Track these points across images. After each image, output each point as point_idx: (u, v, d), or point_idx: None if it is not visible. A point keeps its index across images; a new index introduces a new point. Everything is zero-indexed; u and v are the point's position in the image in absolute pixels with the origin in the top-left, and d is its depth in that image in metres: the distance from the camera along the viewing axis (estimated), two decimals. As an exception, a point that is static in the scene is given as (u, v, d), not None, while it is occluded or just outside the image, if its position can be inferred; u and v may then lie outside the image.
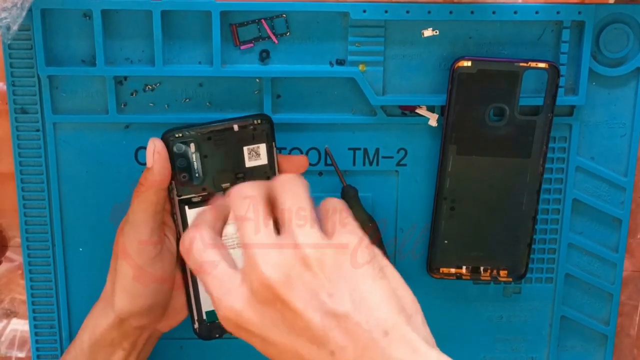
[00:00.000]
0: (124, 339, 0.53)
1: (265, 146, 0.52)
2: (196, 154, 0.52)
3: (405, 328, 0.40)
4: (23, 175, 0.57)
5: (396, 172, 0.58)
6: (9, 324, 0.62)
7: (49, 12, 0.54)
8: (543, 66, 0.54)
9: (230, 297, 0.42)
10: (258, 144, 0.52)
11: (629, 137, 0.58)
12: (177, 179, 0.52)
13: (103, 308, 0.53)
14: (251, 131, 0.52)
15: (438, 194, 0.57)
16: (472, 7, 0.54)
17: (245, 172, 0.53)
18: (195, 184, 0.52)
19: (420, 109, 0.57)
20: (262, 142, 0.52)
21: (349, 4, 0.54)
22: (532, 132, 0.55)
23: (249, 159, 0.52)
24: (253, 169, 0.53)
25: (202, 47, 0.55)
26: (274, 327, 0.41)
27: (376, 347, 0.39)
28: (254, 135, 0.52)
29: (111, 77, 0.55)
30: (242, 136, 0.52)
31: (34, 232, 0.58)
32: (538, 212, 0.57)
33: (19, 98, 0.55)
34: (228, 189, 0.50)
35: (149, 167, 0.51)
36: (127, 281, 0.51)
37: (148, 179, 0.51)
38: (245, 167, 0.52)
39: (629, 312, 0.63)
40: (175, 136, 0.51)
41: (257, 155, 0.52)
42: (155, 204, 0.51)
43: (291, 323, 0.41)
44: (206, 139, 0.52)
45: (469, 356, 0.62)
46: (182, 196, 0.53)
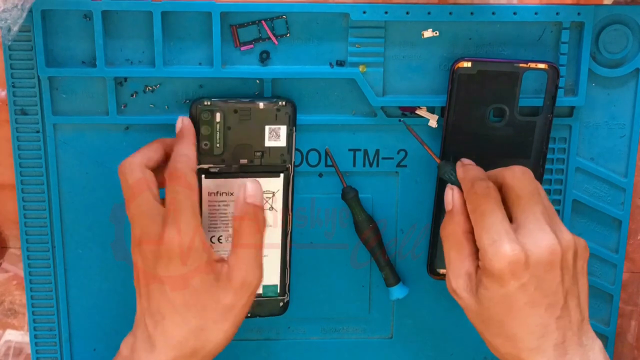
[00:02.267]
0: None
1: (285, 128, 0.54)
2: (220, 123, 0.54)
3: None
4: (23, 177, 0.57)
5: (396, 173, 0.58)
6: (4, 334, 0.62)
7: (50, 13, 0.54)
8: (543, 67, 0.54)
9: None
10: (279, 125, 0.54)
11: (629, 138, 0.58)
12: (199, 147, 0.54)
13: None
14: (275, 112, 0.54)
15: (438, 195, 0.57)
16: (472, 8, 0.55)
17: (264, 150, 0.55)
18: (215, 154, 0.54)
19: (420, 109, 0.57)
20: (284, 124, 0.54)
21: (349, 5, 0.54)
22: (532, 132, 0.56)
23: (269, 138, 0.54)
24: (271, 149, 0.55)
25: (202, 48, 0.55)
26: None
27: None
28: (277, 116, 0.54)
29: (111, 78, 0.55)
30: (266, 115, 0.54)
31: (34, 234, 0.58)
32: (538, 213, 0.57)
33: (19, 99, 0.55)
34: (245, 164, 0.54)
35: (178, 129, 0.52)
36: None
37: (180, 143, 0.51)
38: (264, 146, 0.54)
39: (629, 313, 0.63)
40: (204, 104, 0.54)
41: (277, 136, 0.54)
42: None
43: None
44: (232, 112, 0.54)
45: (469, 356, 0.62)
46: (201, 164, 0.54)
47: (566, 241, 0.47)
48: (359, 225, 0.58)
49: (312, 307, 0.60)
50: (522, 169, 0.49)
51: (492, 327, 0.48)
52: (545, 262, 0.46)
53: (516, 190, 0.48)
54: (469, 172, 0.51)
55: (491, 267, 0.46)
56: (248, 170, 0.55)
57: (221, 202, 0.55)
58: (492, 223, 0.47)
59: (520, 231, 0.47)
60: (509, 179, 0.49)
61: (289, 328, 0.61)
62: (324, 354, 0.62)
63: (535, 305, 0.47)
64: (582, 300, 0.49)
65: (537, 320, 0.47)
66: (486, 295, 0.47)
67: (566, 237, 0.48)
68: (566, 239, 0.48)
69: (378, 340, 0.62)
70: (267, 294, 0.58)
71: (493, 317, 0.48)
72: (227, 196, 0.55)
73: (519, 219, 0.48)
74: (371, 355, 0.62)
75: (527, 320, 0.47)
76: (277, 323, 0.61)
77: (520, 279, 0.46)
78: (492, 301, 0.47)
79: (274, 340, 0.61)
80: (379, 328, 0.62)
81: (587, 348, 0.48)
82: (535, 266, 0.46)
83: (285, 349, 0.62)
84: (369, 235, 0.58)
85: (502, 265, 0.46)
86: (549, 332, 0.47)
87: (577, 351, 0.47)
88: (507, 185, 0.49)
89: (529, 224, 0.47)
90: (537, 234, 0.47)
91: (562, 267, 0.47)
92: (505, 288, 0.46)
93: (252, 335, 0.61)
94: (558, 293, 0.47)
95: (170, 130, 0.55)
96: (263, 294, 0.58)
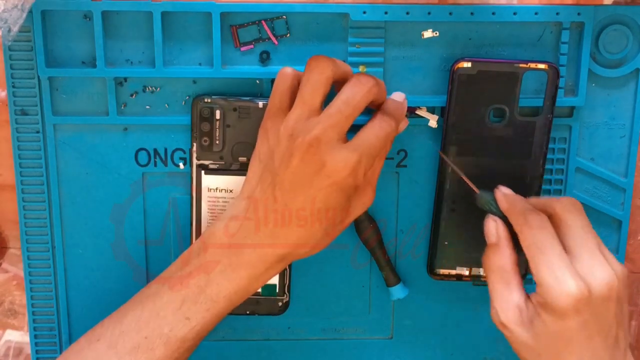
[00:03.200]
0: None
1: None
2: (220, 121, 0.54)
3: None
4: (23, 177, 0.57)
5: (396, 173, 0.58)
6: (4, 334, 0.62)
7: (50, 13, 0.54)
8: (543, 67, 0.54)
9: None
10: None
11: (629, 138, 0.58)
12: (199, 142, 0.55)
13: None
14: None
15: (438, 195, 0.57)
16: (472, 9, 0.55)
17: None
18: (214, 151, 0.55)
19: (420, 110, 0.57)
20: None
21: (349, 5, 0.54)
22: (532, 133, 0.56)
23: None
24: None
25: (202, 48, 0.55)
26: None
27: None
28: None
29: (111, 79, 0.55)
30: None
31: (34, 234, 0.58)
32: (538, 213, 0.57)
33: (19, 99, 0.55)
34: (245, 162, 0.54)
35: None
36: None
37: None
38: None
39: (629, 314, 0.63)
40: (204, 100, 0.54)
41: None
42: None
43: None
44: (232, 110, 0.54)
45: (470, 357, 0.62)
46: (201, 160, 0.55)
47: (621, 274, 0.47)
48: (359, 225, 0.58)
49: (312, 307, 0.60)
50: (571, 200, 0.49)
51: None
52: (605, 297, 0.46)
53: (569, 222, 0.48)
54: (515, 205, 0.50)
55: (555, 303, 0.46)
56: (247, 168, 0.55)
57: (220, 199, 0.56)
58: (552, 258, 0.47)
59: (577, 265, 0.47)
60: (559, 210, 0.48)
61: (289, 328, 0.61)
62: (324, 354, 0.62)
63: (593, 338, 0.47)
64: (626, 326, 0.49)
65: (592, 353, 0.47)
66: (544, 330, 0.47)
67: (619, 269, 0.48)
68: (621, 272, 0.48)
69: (378, 341, 0.62)
70: (265, 294, 0.58)
71: (549, 351, 0.47)
72: (226, 193, 0.56)
73: (574, 251, 0.47)
74: (371, 355, 0.62)
75: (584, 353, 0.47)
76: (277, 323, 0.61)
77: (583, 314, 0.46)
78: (549, 336, 0.47)
79: (274, 340, 0.62)
80: (379, 328, 0.62)
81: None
82: (595, 301, 0.46)
83: (285, 349, 0.62)
84: (369, 235, 0.58)
85: (567, 301, 0.45)
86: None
87: None
88: (557, 217, 0.48)
89: (585, 257, 0.47)
90: (596, 268, 0.46)
91: (617, 299, 0.47)
92: (567, 323, 0.46)
93: (252, 335, 0.61)
94: (612, 325, 0.47)
95: (171, 130, 0.55)
96: (262, 293, 0.58)
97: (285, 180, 0.48)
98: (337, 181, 0.47)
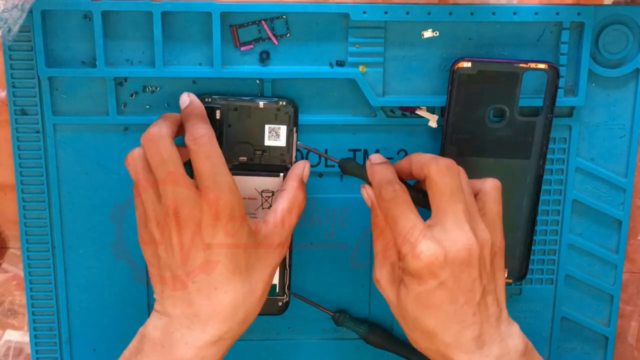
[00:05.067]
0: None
1: (285, 128, 0.55)
2: (220, 121, 0.54)
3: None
4: (23, 177, 0.57)
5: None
6: (4, 334, 0.62)
7: (50, 13, 0.54)
8: (543, 67, 0.54)
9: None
10: (279, 125, 0.54)
11: (629, 138, 0.58)
12: None
13: (189, 328, 0.49)
14: (275, 111, 0.54)
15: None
16: (472, 9, 0.55)
17: (264, 149, 0.55)
18: None
19: (420, 110, 0.57)
20: (284, 124, 0.55)
21: (349, 5, 0.54)
22: (532, 133, 0.56)
23: (269, 137, 0.55)
24: (271, 148, 0.55)
25: (202, 48, 0.55)
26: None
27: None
28: (277, 115, 0.54)
29: (111, 79, 0.55)
30: (266, 114, 0.54)
31: (34, 235, 0.58)
32: (538, 213, 0.57)
33: (19, 99, 0.55)
34: (245, 162, 0.54)
35: (187, 102, 0.52)
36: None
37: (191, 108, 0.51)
38: (264, 145, 0.55)
39: (630, 314, 0.63)
40: (204, 100, 0.54)
41: (276, 136, 0.55)
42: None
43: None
44: (233, 110, 0.54)
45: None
46: None
47: (483, 239, 0.48)
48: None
49: (312, 307, 0.60)
50: (448, 163, 0.49)
51: (410, 321, 0.49)
52: (463, 260, 0.47)
53: (440, 186, 0.48)
54: (375, 176, 0.50)
55: (410, 267, 0.47)
56: (248, 168, 0.55)
57: None
58: (404, 226, 0.48)
59: (439, 229, 0.48)
60: (433, 172, 0.48)
61: (289, 328, 0.61)
62: (324, 354, 0.62)
63: (453, 302, 0.47)
64: (499, 294, 0.50)
65: (453, 317, 0.48)
66: (405, 292, 0.48)
67: (484, 235, 0.48)
68: (483, 237, 0.48)
69: (378, 341, 0.62)
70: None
71: (411, 312, 0.49)
72: None
73: (439, 215, 0.48)
74: (371, 355, 0.62)
75: (444, 316, 0.48)
76: (277, 323, 0.61)
77: (439, 277, 0.47)
78: (410, 298, 0.48)
79: (274, 340, 0.62)
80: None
81: (505, 335, 0.49)
82: (453, 264, 0.47)
83: (285, 349, 0.62)
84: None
85: (420, 264, 0.47)
86: (465, 327, 0.48)
87: (495, 341, 0.48)
88: (431, 179, 0.49)
89: (448, 222, 0.47)
90: (456, 233, 0.47)
91: (479, 264, 0.48)
92: (424, 286, 0.47)
93: (252, 336, 0.61)
94: (475, 290, 0.48)
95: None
96: None
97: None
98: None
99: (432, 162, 0.49)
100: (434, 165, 0.48)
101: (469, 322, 0.48)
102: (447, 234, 0.47)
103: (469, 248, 0.47)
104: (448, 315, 0.48)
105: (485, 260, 0.48)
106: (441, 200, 0.48)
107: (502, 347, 0.48)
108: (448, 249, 0.47)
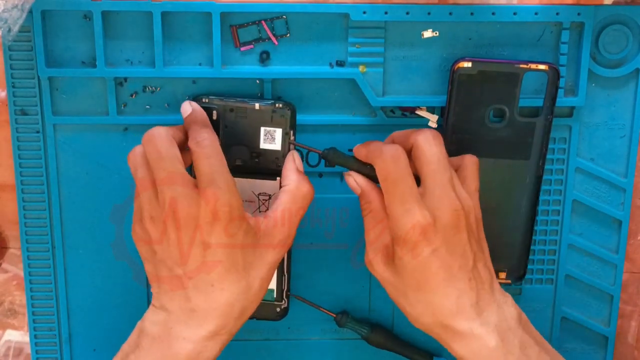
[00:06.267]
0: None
1: (281, 132, 0.54)
2: (218, 122, 0.54)
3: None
4: (23, 177, 0.57)
5: (396, 173, 0.58)
6: (4, 334, 0.62)
7: (50, 13, 0.54)
8: (543, 68, 0.54)
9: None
10: (275, 128, 0.54)
11: (629, 138, 0.58)
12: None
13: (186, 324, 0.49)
14: (271, 113, 0.54)
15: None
16: (472, 9, 0.55)
17: (259, 152, 0.54)
18: None
19: (420, 110, 0.57)
20: (280, 127, 0.54)
21: (349, 5, 0.54)
22: (532, 133, 0.56)
23: (264, 140, 0.54)
24: (266, 151, 0.54)
25: (202, 48, 0.55)
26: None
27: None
28: (273, 118, 0.54)
29: (111, 79, 0.55)
30: (262, 117, 0.54)
31: (34, 235, 0.58)
32: (538, 213, 0.57)
33: (19, 99, 0.55)
34: (241, 165, 0.54)
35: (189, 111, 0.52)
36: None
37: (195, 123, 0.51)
38: (259, 148, 0.54)
39: (630, 314, 0.63)
40: (202, 101, 0.54)
41: (272, 139, 0.54)
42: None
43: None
44: (229, 111, 0.54)
45: (469, 357, 0.62)
46: None
47: (469, 206, 0.49)
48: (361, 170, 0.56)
49: (312, 307, 0.60)
50: (433, 133, 0.49)
51: (410, 297, 0.49)
52: (452, 225, 0.48)
53: (427, 156, 0.49)
54: (370, 145, 0.51)
55: (404, 234, 0.47)
56: (243, 171, 0.54)
57: None
58: (403, 191, 0.48)
59: (428, 196, 0.48)
60: (420, 141, 0.49)
61: (289, 328, 0.61)
62: (324, 354, 0.62)
63: (448, 269, 0.48)
64: (487, 262, 0.50)
65: (451, 284, 0.48)
66: (402, 266, 0.48)
67: (468, 202, 0.49)
68: (469, 204, 0.49)
69: (378, 341, 0.62)
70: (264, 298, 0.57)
71: (409, 287, 0.49)
72: None
73: (427, 183, 0.48)
74: (371, 355, 0.62)
75: (442, 284, 0.48)
76: (277, 323, 0.61)
77: (432, 243, 0.47)
78: (407, 270, 0.48)
79: (274, 340, 0.62)
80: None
81: (500, 303, 0.50)
82: (444, 230, 0.47)
83: (285, 349, 0.62)
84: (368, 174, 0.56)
85: (415, 231, 0.47)
86: (463, 293, 0.48)
87: (492, 307, 0.49)
88: (418, 148, 0.49)
89: (437, 190, 0.48)
90: (444, 199, 0.48)
91: (467, 230, 0.48)
92: (419, 254, 0.47)
93: (252, 336, 0.61)
94: (466, 255, 0.48)
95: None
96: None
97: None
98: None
99: (419, 132, 0.49)
100: (421, 135, 0.49)
101: (466, 288, 0.48)
102: (437, 201, 0.48)
103: (457, 213, 0.48)
104: (445, 282, 0.48)
105: (472, 226, 0.49)
106: (429, 168, 0.49)
107: (499, 314, 0.49)
108: (438, 214, 0.47)
